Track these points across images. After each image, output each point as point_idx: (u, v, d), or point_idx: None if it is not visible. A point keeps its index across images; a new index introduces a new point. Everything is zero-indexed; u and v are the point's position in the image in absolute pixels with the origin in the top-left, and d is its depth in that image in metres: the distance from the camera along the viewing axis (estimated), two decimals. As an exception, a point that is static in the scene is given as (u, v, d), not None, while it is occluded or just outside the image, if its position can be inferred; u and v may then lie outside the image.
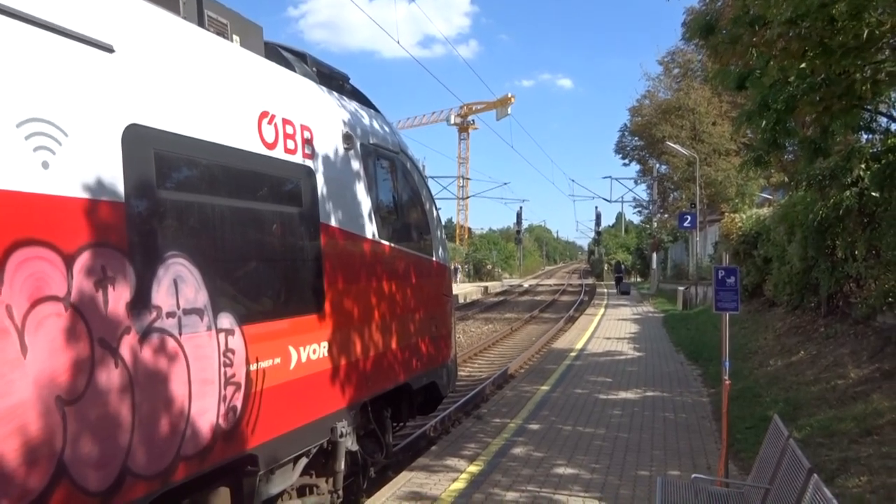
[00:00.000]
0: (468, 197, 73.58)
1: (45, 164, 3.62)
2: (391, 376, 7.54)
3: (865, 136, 10.22)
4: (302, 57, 7.15)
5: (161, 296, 4.31)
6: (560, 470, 7.59)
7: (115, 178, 4.03)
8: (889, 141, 8.93)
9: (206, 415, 4.62)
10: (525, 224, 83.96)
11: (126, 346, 4.03)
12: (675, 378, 13.53)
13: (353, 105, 7.52)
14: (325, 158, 6.38)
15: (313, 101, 6.51)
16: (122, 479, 3.97)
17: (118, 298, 3.98)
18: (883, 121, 9.36)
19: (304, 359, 5.77)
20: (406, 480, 7.30)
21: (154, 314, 4.25)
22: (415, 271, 8.21)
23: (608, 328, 23.40)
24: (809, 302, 14.28)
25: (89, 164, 3.88)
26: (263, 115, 5.50)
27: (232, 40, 5.86)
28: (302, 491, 6.44)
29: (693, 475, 5.92)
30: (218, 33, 5.63)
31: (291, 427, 5.64)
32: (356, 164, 6.99)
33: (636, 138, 52.69)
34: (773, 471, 4.93)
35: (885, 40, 6.73)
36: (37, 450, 3.45)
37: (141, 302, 4.14)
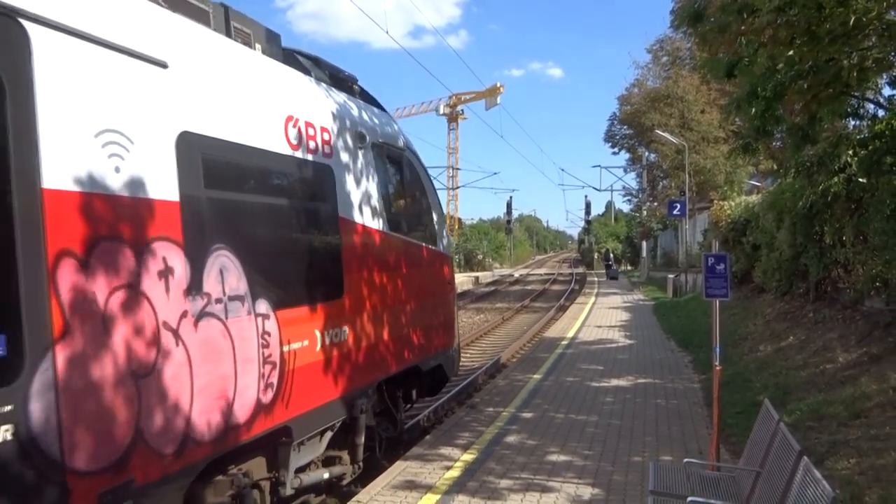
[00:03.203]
0: (458, 187, 73.37)
1: (118, 169, 4.15)
2: (403, 359, 8.07)
3: (853, 123, 10.26)
4: (315, 61, 7.60)
5: (210, 283, 4.83)
6: (553, 457, 7.65)
7: (171, 179, 4.54)
8: (876, 127, 8.96)
9: (248, 390, 5.15)
10: (515, 214, 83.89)
11: (184, 328, 4.54)
12: (666, 365, 13.63)
13: (364, 106, 8.02)
14: (342, 157, 6.91)
15: (330, 103, 6.96)
16: (185, 444, 4.51)
17: (177, 286, 4.50)
18: (870, 107, 9.40)
19: (327, 341, 6.31)
20: (401, 470, 7.34)
21: (205, 300, 4.77)
22: (420, 261, 8.77)
23: (599, 316, 23.51)
24: (798, 288, 14.40)
25: (150, 168, 4.39)
26: (289, 118, 6.01)
27: (255, 48, 6.32)
28: (327, 461, 6.96)
29: (685, 460, 5.98)
30: (244, 43, 6.13)
31: (319, 403, 6.18)
32: (369, 162, 7.49)
33: (625, 127, 52.82)
34: (763, 454, 4.99)
35: (871, 27, 6.74)
36: (119, 415, 4.00)
37: (194, 289, 4.67)
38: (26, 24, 3.61)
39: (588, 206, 66.07)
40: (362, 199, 7.21)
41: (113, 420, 3.96)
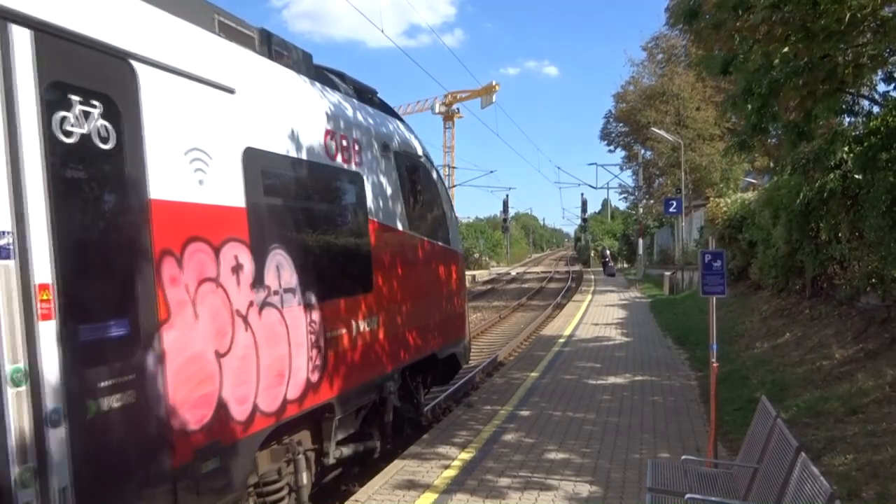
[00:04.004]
0: (454, 186, 73.36)
1: (201, 182, 4.89)
2: (423, 347, 8.95)
3: (848, 120, 10.27)
4: (341, 76, 8.32)
5: (270, 278, 5.58)
6: (551, 455, 7.66)
7: (239, 189, 5.29)
8: (871, 124, 8.98)
9: (300, 370, 5.94)
10: (511, 212, 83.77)
11: (251, 315, 5.32)
12: (663, 362, 13.65)
13: (385, 117, 8.79)
14: (370, 165, 7.65)
15: (357, 116, 7.69)
16: (254, 414, 5.28)
17: (245, 280, 5.27)
18: (865, 104, 9.41)
19: (361, 329, 7.09)
20: (399, 469, 7.34)
21: (266, 292, 5.53)
22: (437, 259, 9.63)
23: (596, 314, 23.53)
24: (794, 284, 14.43)
25: (224, 180, 5.14)
26: (327, 132, 6.79)
27: (292, 68, 6.91)
28: (361, 436, 7.58)
29: (683, 457, 5.99)
30: (283, 64, 6.73)
31: (355, 384, 6.96)
32: (391, 169, 8.23)
33: (621, 125, 52.81)
34: (761, 450, 5.00)
35: (866, 23, 6.77)
36: (207, 387, 4.78)
37: (258, 282, 5.42)
38: (134, 63, 4.40)
39: (584, 203, 65.95)
40: (387, 202, 7.98)
41: (202, 390, 4.74)
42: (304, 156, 6.31)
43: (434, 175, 10.05)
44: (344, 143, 7.09)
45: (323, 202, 6.77)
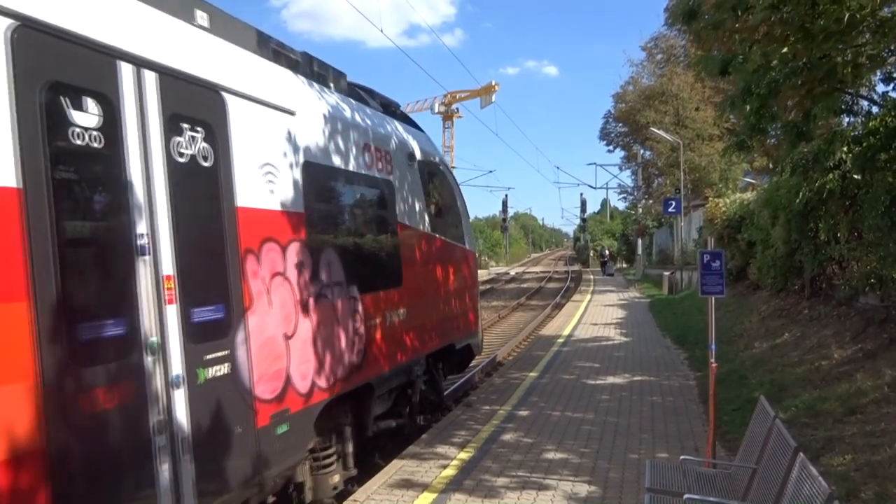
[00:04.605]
0: (454, 185, 73.36)
1: (272, 191, 5.83)
2: (443, 337, 9.97)
3: (847, 120, 10.27)
4: (370, 93, 9.13)
5: (322, 273, 6.50)
6: (550, 455, 7.66)
7: (299, 197, 6.22)
8: (870, 124, 8.97)
9: (346, 354, 6.87)
10: (511, 212, 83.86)
11: (310, 305, 6.26)
12: (661, 362, 13.65)
13: (408, 128, 9.70)
14: (398, 173, 8.54)
15: (387, 129, 8.57)
16: (313, 388, 6.26)
17: (305, 274, 6.19)
18: (864, 104, 9.41)
19: (393, 319, 8.02)
20: (397, 469, 7.33)
21: (320, 284, 6.44)
22: (454, 257, 10.59)
23: (595, 314, 23.54)
24: (793, 285, 14.43)
25: (288, 189, 6.07)
26: (365, 146, 7.66)
27: (330, 87, 7.69)
28: (392, 414, 8.58)
29: (681, 457, 5.98)
30: (323, 83, 7.52)
31: (389, 368, 7.91)
32: (416, 176, 9.16)
33: (620, 125, 52.81)
34: (759, 451, 5.00)
35: (865, 24, 6.76)
36: (279, 363, 5.75)
37: (314, 276, 6.33)
38: (224, 94, 5.33)
39: (583, 203, 66.15)
40: (412, 206, 8.92)
41: (276, 366, 5.71)
42: (346, 167, 7.24)
43: (451, 180, 11.12)
44: (377, 154, 7.98)
45: (362, 207, 7.79)
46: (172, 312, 4.57)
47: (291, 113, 6.25)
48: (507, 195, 60.96)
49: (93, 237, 4.25)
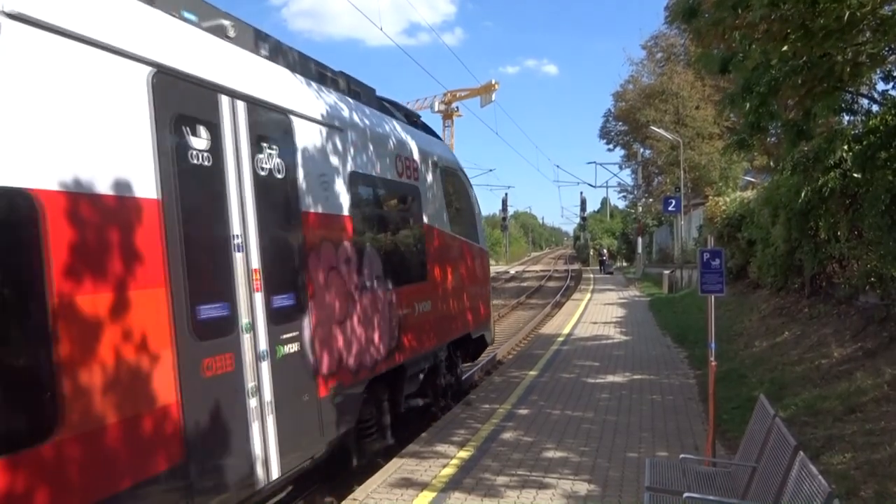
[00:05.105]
0: (453, 184, 73.22)
1: (326, 198, 6.80)
2: (462, 326, 11.12)
3: (847, 118, 10.27)
4: (395, 105, 10.20)
5: (366, 269, 7.47)
6: (549, 454, 7.65)
7: (346, 202, 7.19)
8: (870, 123, 8.97)
9: (384, 339, 7.88)
10: (510, 210, 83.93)
11: (357, 295, 7.24)
12: (661, 361, 13.64)
13: (430, 138, 10.93)
14: (424, 179, 9.60)
15: (413, 139, 9.55)
16: (360, 367, 7.26)
17: (352, 269, 7.19)
18: (864, 102, 9.41)
19: (421, 310, 9.10)
20: (397, 467, 7.33)
21: (363, 278, 7.41)
22: (470, 255, 11.70)
23: (595, 313, 23.53)
24: (793, 283, 14.41)
25: (339, 196, 7.08)
26: (397, 156, 8.71)
27: (363, 102, 8.47)
28: (419, 394, 9.58)
29: (681, 455, 5.99)
30: (358, 99, 8.34)
31: (419, 353, 9.06)
32: (438, 181, 10.21)
33: (620, 123, 52.81)
34: (759, 449, 4.99)
35: (865, 22, 6.75)
36: (334, 343, 6.74)
37: (359, 272, 7.33)
38: (291, 117, 6.33)
39: (583, 202, 66.13)
40: (435, 209, 9.94)
41: (332, 346, 6.67)
42: (383, 175, 8.23)
43: (467, 184, 12.21)
44: (406, 162, 9.01)
45: (396, 210, 8.82)
46: (259, 299, 5.58)
47: (341, 130, 7.27)
48: (506, 194, 61.09)
49: (205, 237, 5.14)
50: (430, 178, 9.83)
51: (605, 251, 58.11)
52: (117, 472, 4.17)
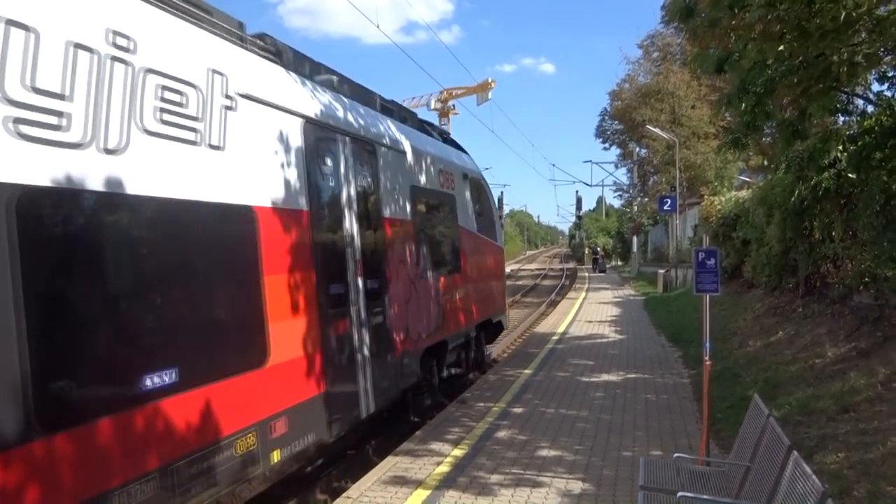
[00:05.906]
0: (449, 182, 73.04)
1: (397, 207, 8.71)
2: (486, 311, 13.22)
3: (842, 119, 10.28)
4: (431, 125, 12.59)
5: (420, 262, 9.50)
6: (544, 452, 7.66)
7: (409, 211, 9.17)
8: (865, 123, 8.97)
9: (434, 318, 9.96)
10: (506, 209, 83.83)
11: (415, 283, 9.25)
12: (656, 360, 13.66)
13: (459, 152, 13.10)
14: (457, 188, 11.70)
15: (448, 154, 11.88)
16: (418, 339, 9.25)
17: (412, 262, 9.16)
18: (860, 103, 9.42)
19: (457, 296, 11.17)
20: (391, 465, 7.32)
21: (419, 269, 9.47)
22: (491, 252, 14.01)
23: (590, 311, 23.55)
24: (788, 283, 14.43)
25: (403, 204, 9.00)
26: (439, 170, 10.76)
27: (408, 125, 10.30)
28: (456, 364, 11.74)
29: (675, 455, 5.99)
30: (401, 120, 10.09)
31: (456, 330, 11.11)
32: (467, 189, 12.34)
33: (616, 122, 52.88)
34: (753, 449, 5.00)
35: (861, 22, 6.75)
36: (402, 319, 8.68)
37: (416, 264, 9.34)
38: (376, 145, 8.23)
39: (579, 201, 66.31)
40: (466, 212, 12.07)
41: (401, 322, 8.61)
42: (430, 186, 10.19)
43: (487, 189, 14.30)
44: (446, 175, 11.08)
45: (440, 214, 10.78)
46: (360, 282, 7.52)
47: (403, 152, 9.15)
48: (502, 192, 60.79)
49: (332, 235, 7.13)
50: (461, 186, 11.94)
51: (598, 249, 58.18)
52: (291, 394, 6.15)
